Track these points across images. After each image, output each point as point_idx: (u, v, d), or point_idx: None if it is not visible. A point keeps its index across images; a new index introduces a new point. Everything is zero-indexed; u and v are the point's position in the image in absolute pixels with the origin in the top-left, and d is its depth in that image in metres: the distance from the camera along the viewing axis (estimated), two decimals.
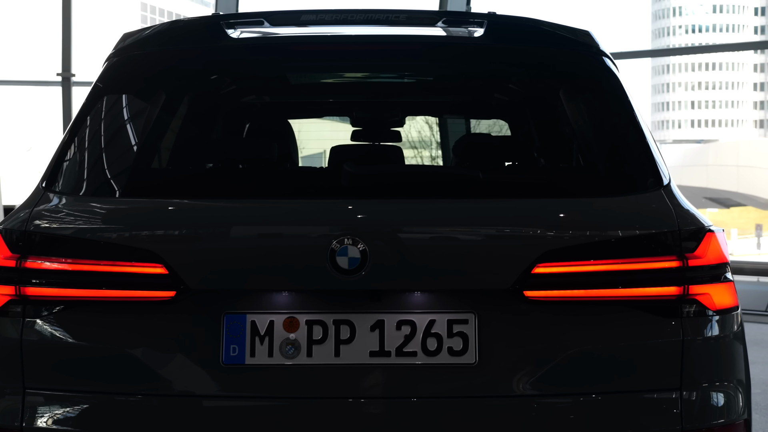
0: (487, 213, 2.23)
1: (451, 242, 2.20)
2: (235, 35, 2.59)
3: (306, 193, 2.35)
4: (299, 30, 2.71)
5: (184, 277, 2.17)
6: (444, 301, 2.19)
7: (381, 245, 2.16)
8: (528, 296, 2.17)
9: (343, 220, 2.18)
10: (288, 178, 2.53)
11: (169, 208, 2.27)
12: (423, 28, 2.68)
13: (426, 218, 2.22)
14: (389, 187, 2.35)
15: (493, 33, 2.55)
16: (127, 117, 2.57)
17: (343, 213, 2.21)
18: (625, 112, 2.44)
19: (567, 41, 2.56)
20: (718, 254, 2.26)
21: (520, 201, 2.28)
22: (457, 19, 2.73)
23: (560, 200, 2.28)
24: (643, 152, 2.38)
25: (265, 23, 2.67)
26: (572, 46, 2.55)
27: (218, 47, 2.58)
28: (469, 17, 2.83)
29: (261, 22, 2.67)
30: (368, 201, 2.24)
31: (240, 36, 2.61)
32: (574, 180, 2.45)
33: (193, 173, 2.56)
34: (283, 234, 2.22)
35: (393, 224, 2.19)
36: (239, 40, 2.60)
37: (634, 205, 2.28)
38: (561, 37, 2.57)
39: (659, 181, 2.33)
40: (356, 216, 2.20)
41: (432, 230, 2.21)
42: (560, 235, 2.19)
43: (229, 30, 2.59)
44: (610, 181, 2.39)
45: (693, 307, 2.21)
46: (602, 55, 2.54)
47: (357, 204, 2.23)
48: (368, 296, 2.19)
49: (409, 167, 2.78)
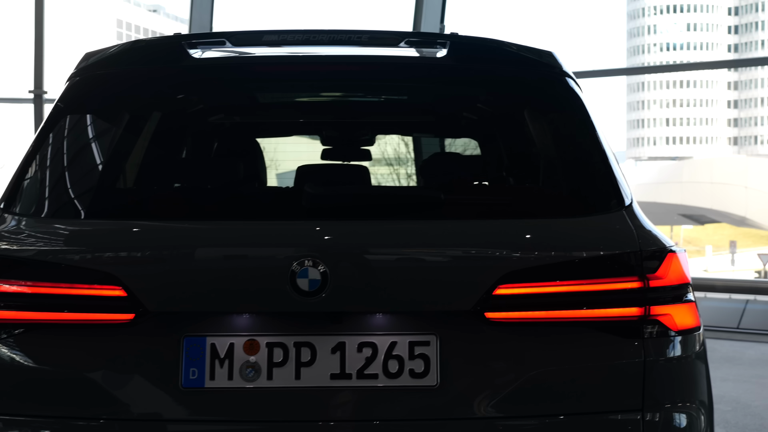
0: (448, 234, 2.23)
1: (412, 263, 2.19)
2: (197, 55, 2.58)
3: (267, 215, 2.33)
4: (261, 50, 2.70)
5: (143, 299, 2.15)
6: (405, 322, 2.18)
7: (342, 267, 2.15)
8: (489, 318, 2.16)
9: (303, 242, 2.17)
10: (250, 199, 2.51)
11: (129, 229, 2.25)
12: (386, 48, 2.68)
13: (387, 239, 2.21)
14: (351, 209, 2.35)
15: (455, 53, 2.55)
16: (89, 137, 2.55)
17: (303, 234, 2.19)
18: (588, 133, 2.45)
19: (530, 62, 2.57)
20: (680, 275, 2.27)
21: (482, 222, 2.28)
22: (420, 39, 2.73)
23: (522, 221, 2.28)
24: (605, 173, 2.38)
25: (228, 43, 2.67)
26: (535, 67, 2.55)
27: (181, 67, 2.56)
28: (432, 38, 2.83)
29: (223, 42, 2.67)
30: (329, 222, 2.23)
31: (202, 56, 2.60)
32: (537, 200, 2.45)
33: (154, 194, 2.54)
34: (244, 256, 2.21)
35: (354, 246, 2.18)
36: (202, 60, 2.59)
37: (595, 226, 2.28)
38: (524, 57, 2.57)
39: (621, 202, 2.34)
40: (317, 237, 2.18)
41: (393, 251, 2.20)
42: (522, 256, 2.19)
43: (191, 50, 2.58)
44: (573, 202, 2.39)
45: (654, 327, 2.22)
46: (565, 76, 2.55)
47: (318, 225, 2.21)
48: (329, 318, 2.17)
49: (371, 188, 2.78)
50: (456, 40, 2.62)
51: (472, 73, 2.55)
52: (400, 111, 3.20)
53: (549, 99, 2.54)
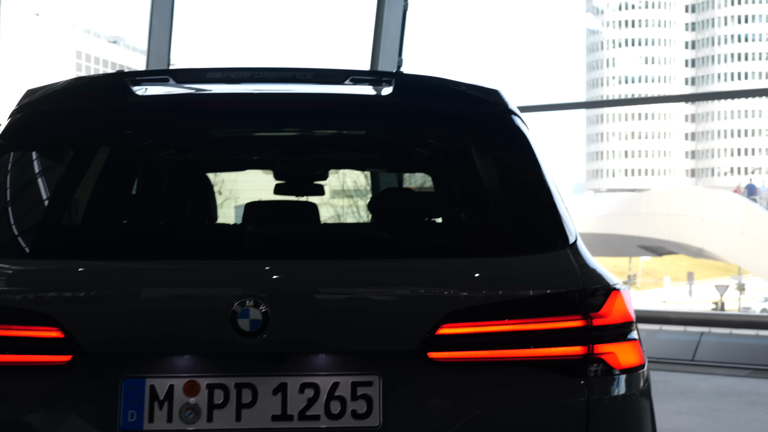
0: (391, 274, 2.22)
1: (354, 303, 2.18)
2: (141, 92, 2.57)
3: (210, 254, 2.31)
4: (205, 87, 2.69)
5: (80, 340, 2.12)
6: (348, 363, 2.16)
7: (283, 307, 2.13)
8: (433, 357, 2.15)
9: (245, 282, 2.15)
10: (194, 237, 2.49)
11: (68, 269, 2.21)
12: (331, 86, 2.68)
13: (330, 279, 2.20)
14: (293, 248, 2.33)
15: (401, 91, 2.56)
16: (31, 174, 2.51)
17: (245, 274, 2.18)
18: (533, 171, 2.46)
19: (476, 100, 2.58)
20: (624, 313, 2.27)
21: (425, 261, 2.27)
22: (365, 77, 2.74)
23: (466, 260, 2.28)
24: (550, 211, 2.39)
25: (171, 81, 2.65)
26: (481, 105, 2.56)
27: (124, 104, 2.54)
28: (378, 76, 2.84)
29: (167, 79, 2.65)
30: (272, 262, 2.22)
31: (146, 93, 2.59)
32: (481, 239, 2.45)
33: (96, 233, 2.51)
34: (184, 296, 2.18)
35: (296, 285, 2.17)
36: (145, 97, 2.57)
37: (539, 264, 2.29)
38: (470, 96, 2.58)
39: (565, 240, 2.34)
40: (259, 277, 2.17)
41: (336, 291, 2.19)
42: (465, 295, 2.19)
43: (135, 87, 2.56)
44: (517, 240, 2.39)
45: (598, 366, 2.22)
46: (511, 114, 2.56)
47: (260, 265, 2.19)
48: (271, 359, 2.15)
49: (315, 227, 2.77)
50: (402, 78, 2.63)
51: (419, 110, 2.56)
52: (347, 148, 3.20)
53: (495, 137, 2.55)
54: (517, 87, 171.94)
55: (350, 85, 2.66)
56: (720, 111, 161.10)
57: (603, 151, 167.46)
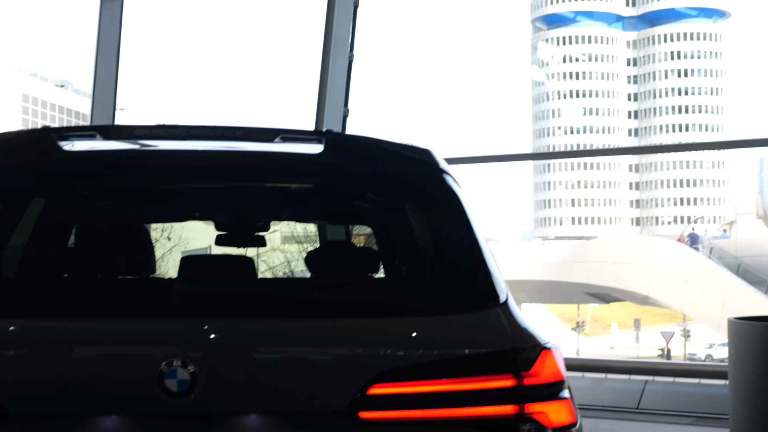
0: (321, 333, 2.21)
1: (284, 363, 2.16)
2: (68, 148, 2.55)
3: (139, 312, 2.28)
4: (132, 144, 2.68)
5: (4, 401, 2.06)
6: (278, 423, 2.13)
7: (212, 367, 2.10)
8: (364, 418, 2.13)
9: (172, 341, 2.12)
10: (123, 294, 2.45)
11: None
12: (260, 143, 2.69)
13: (260, 338, 2.18)
14: (223, 306, 2.31)
15: (330, 150, 2.57)
16: None
17: (173, 333, 2.15)
18: (464, 229, 2.47)
19: (407, 159, 2.60)
20: (555, 372, 2.28)
21: (356, 320, 2.27)
22: (295, 136, 2.75)
23: (397, 319, 2.28)
24: (481, 270, 2.40)
25: (98, 137, 2.64)
26: (412, 164, 2.58)
27: (50, 159, 2.52)
28: (307, 135, 2.86)
29: (93, 135, 2.64)
30: (200, 321, 2.19)
31: (73, 149, 2.56)
32: (413, 297, 2.46)
33: (23, 290, 2.46)
34: (111, 355, 2.14)
35: (225, 345, 2.14)
36: (72, 152, 2.55)
37: (470, 324, 2.29)
38: (400, 155, 2.61)
39: (496, 299, 2.36)
40: (187, 336, 2.14)
41: (266, 351, 2.17)
42: (396, 355, 2.18)
43: (61, 142, 2.54)
44: (449, 299, 2.40)
45: (530, 425, 2.21)
46: (442, 173, 2.58)
47: (189, 324, 2.17)
48: (199, 419, 2.11)
49: (247, 285, 2.75)
50: (331, 137, 2.65)
51: (350, 169, 2.57)
52: (278, 203, 3.21)
53: (426, 196, 2.57)
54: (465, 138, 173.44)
55: (279, 143, 2.67)
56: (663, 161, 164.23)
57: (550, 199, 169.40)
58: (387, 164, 2.57)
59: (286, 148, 2.67)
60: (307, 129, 2.84)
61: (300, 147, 2.71)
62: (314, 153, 2.60)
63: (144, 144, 2.66)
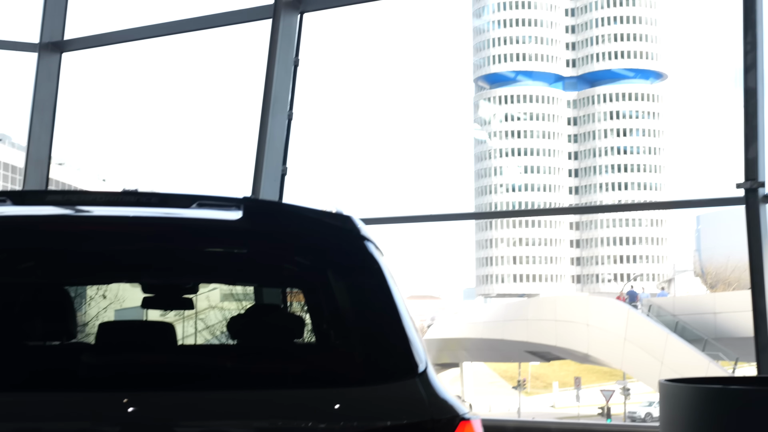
0: (241, 406, 2.15)
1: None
2: None
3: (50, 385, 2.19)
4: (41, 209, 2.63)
5: None
6: None
7: None
8: None
9: (84, 416, 2.04)
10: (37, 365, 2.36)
11: None
12: (175, 209, 2.65)
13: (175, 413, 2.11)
14: (133, 378, 2.24)
15: (248, 216, 2.55)
16: None
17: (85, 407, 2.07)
18: (385, 298, 2.44)
19: (328, 226, 2.57)
20: None
21: (277, 392, 2.21)
22: (211, 202, 2.72)
23: (314, 391, 2.23)
24: (400, 339, 2.37)
25: (9, 202, 2.57)
26: (333, 231, 2.56)
27: None
28: (224, 201, 2.82)
29: (4, 200, 2.57)
30: (109, 394, 2.11)
31: None
32: (332, 367, 2.41)
33: None
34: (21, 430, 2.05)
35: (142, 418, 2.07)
36: None
37: (388, 395, 2.25)
38: (321, 222, 2.58)
39: (415, 369, 2.32)
40: (90, 411, 2.06)
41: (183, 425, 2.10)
42: (318, 427, 2.13)
43: None
44: (367, 369, 2.36)
45: None
46: (364, 240, 2.56)
47: (94, 398, 2.09)
48: None
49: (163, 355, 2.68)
50: (249, 204, 2.63)
51: (269, 235, 2.54)
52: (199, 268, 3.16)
53: (347, 264, 2.54)
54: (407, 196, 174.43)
55: (196, 209, 2.63)
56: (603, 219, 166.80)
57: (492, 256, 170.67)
58: (307, 231, 2.54)
59: (201, 215, 2.64)
60: (228, 196, 2.82)
61: (217, 213, 2.68)
62: (231, 219, 2.57)
63: (58, 210, 2.60)
